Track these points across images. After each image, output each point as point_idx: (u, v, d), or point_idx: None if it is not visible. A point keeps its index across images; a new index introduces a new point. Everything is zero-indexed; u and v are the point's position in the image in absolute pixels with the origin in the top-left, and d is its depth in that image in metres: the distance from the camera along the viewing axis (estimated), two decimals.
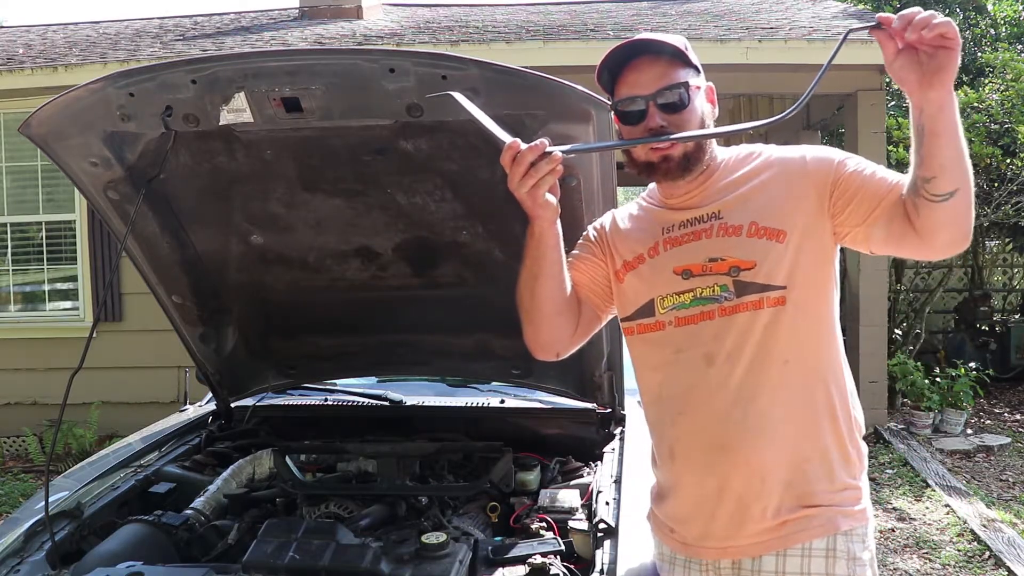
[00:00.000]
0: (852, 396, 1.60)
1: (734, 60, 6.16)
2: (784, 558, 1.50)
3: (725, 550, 1.55)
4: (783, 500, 1.51)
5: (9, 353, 6.55)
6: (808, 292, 1.53)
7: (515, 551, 1.89)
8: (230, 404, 2.81)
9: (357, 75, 1.79)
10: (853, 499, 1.53)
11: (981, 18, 9.70)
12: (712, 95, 1.62)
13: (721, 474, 1.54)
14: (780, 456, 1.51)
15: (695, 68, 1.58)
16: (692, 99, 1.54)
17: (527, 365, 2.58)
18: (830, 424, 1.54)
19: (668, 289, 1.58)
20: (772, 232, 1.52)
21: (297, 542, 1.82)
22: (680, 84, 1.53)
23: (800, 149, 1.60)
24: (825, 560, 1.49)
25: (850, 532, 1.51)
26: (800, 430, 1.51)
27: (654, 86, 1.53)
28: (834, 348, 1.58)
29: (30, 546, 1.97)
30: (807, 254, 1.52)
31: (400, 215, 2.19)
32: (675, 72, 1.55)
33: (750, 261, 1.51)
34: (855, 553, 1.50)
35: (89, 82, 1.89)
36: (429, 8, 8.96)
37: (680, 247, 1.58)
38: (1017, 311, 8.88)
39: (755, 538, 1.52)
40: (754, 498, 1.52)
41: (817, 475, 1.51)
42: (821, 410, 1.53)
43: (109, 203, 2.16)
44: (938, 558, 4.07)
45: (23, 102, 6.20)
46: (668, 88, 1.53)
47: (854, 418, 1.58)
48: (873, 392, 6.37)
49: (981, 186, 7.02)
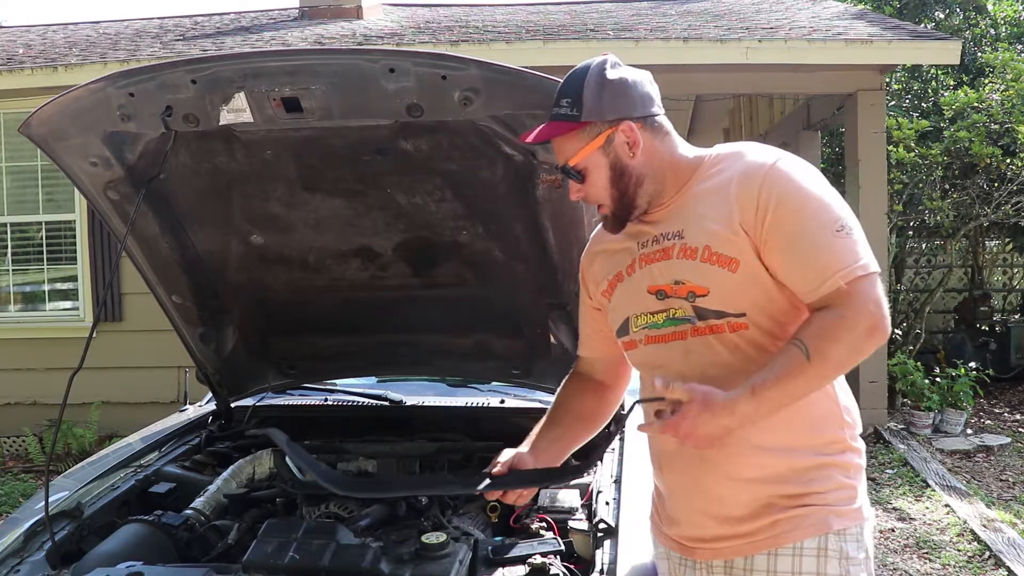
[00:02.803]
0: (844, 396, 1.57)
1: (734, 60, 6.16)
2: (776, 557, 1.50)
3: (718, 551, 1.56)
4: (772, 501, 1.50)
5: (9, 353, 6.54)
6: (773, 315, 1.50)
7: (515, 551, 1.89)
8: (230, 404, 2.81)
9: (357, 75, 1.79)
10: (847, 499, 1.52)
11: (981, 18, 9.69)
12: (630, 134, 1.52)
13: (704, 486, 1.56)
14: (762, 463, 1.50)
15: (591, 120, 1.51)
16: (587, 169, 1.55)
17: (527, 365, 2.59)
18: (816, 429, 1.52)
19: (642, 308, 1.60)
20: (724, 260, 1.48)
21: (297, 542, 1.82)
22: (566, 166, 1.56)
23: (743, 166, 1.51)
24: (816, 559, 1.49)
25: (843, 531, 1.50)
26: (782, 438, 1.50)
27: (560, 159, 1.58)
28: None
29: (30, 546, 1.97)
30: (763, 283, 1.48)
31: (400, 215, 2.19)
32: (564, 145, 1.56)
33: (704, 288, 1.50)
34: (848, 552, 1.50)
35: (89, 82, 1.89)
36: (429, 8, 8.95)
37: (652, 265, 1.58)
38: (1017, 311, 8.88)
39: (747, 538, 1.52)
40: (739, 505, 1.52)
41: (807, 476, 1.50)
42: (805, 417, 1.51)
43: (109, 203, 2.16)
44: (938, 558, 4.07)
45: (23, 102, 6.20)
46: (564, 167, 1.57)
47: (846, 420, 1.56)
48: (873, 392, 6.37)
49: (981, 186, 7.02)
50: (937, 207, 6.89)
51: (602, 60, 1.54)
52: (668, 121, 1.60)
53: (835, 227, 1.43)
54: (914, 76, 8.78)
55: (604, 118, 1.52)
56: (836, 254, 1.43)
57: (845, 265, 1.42)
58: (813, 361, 1.40)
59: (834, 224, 1.44)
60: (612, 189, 1.56)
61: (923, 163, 6.87)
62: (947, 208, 6.93)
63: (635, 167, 1.54)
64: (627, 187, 1.55)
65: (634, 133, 1.53)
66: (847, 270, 1.41)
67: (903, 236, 7.72)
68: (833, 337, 1.41)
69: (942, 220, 7.04)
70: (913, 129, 6.79)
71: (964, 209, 7.13)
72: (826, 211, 1.45)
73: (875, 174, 6.44)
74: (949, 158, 6.90)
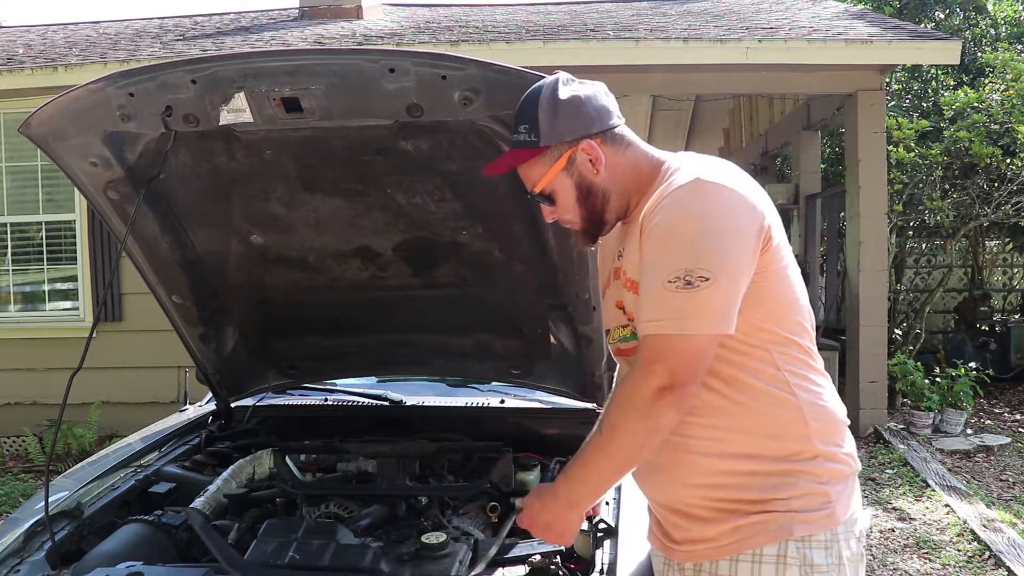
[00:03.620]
0: (823, 402, 1.53)
1: (734, 60, 6.16)
2: (736, 563, 1.49)
3: (689, 554, 1.56)
4: (735, 507, 1.50)
5: (9, 353, 6.54)
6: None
7: (515, 551, 1.89)
8: (230, 404, 2.81)
9: (357, 75, 1.79)
10: (817, 504, 1.48)
11: (981, 18, 9.69)
12: (591, 151, 1.51)
13: (663, 494, 1.60)
14: (720, 469, 1.50)
15: (550, 144, 1.50)
16: (554, 192, 1.55)
17: (527, 365, 2.59)
18: (774, 437, 1.49)
19: (614, 322, 1.63)
20: (635, 285, 1.49)
21: (297, 542, 1.83)
22: (533, 193, 1.57)
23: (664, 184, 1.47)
24: (776, 566, 1.46)
25: (808, 538, 1.47)
26: (736, 445, 1.49)
27: (528, 186, 1.59)
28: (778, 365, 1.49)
29: (30, 546, 1.97)
30: None
31: (400, 215, 2.19)
32: (529, 172, 1.56)
33: (631, 312, 1.54)
34: (812, 559, 1.46)
35: (89, 82, 1.89)
36: (429, 8, 8.96)
37: (616, 281, 1.61)
38: (1017, 311, 8.88)
39: (712, 543, 1.52)
40: (701, 508, 1.53)
41: (770, 482, 1.48)
42: (761, 425, 1.49)
43: (109, 203, 2.16)
44: (938, 558, 4.07)
45: (23, 102, 6.20)
46: (532, 194, 1.58)
47: (812, 426, 1.50)
48: (873, 392, 6.37)
49: (981, 186, 7.02)
50: (937, 207, 6.89)
51: (553, 80, 1.53)
52: (628, 129, 1.59)
53: (670, 276, 1.37)
54: (914, 76, 8.78)
55: (563, 139, 1.51)
56: (653, 303, 1.41)
57: (651, 318, 1.40)
58: (604, 434, 1.45)
59: (672, 273, 1.37)
60: (580, 208, 1.56)
61: (923, 163, 6.87)
62: (947, 208, 6.93)
63: (600, 184, 1.54)
64: (595, 205, 1.56)
65: (595, 150, 1.52)
66: (651, 323, 1.40)
67: (903, 236, 7.73)
68: (618, 406, 1.44)
69: (942, 220, 7.04)
70: (913, 129, 6.79)
71: (964, 209, 7.13)
72: (675, 256, 1.38)
73: (875, 174, 6.44)
74: (949, 158, 6.90)
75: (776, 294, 1.50)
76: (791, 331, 1.52)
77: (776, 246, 1.48)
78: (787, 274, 1.52)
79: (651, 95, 7.93)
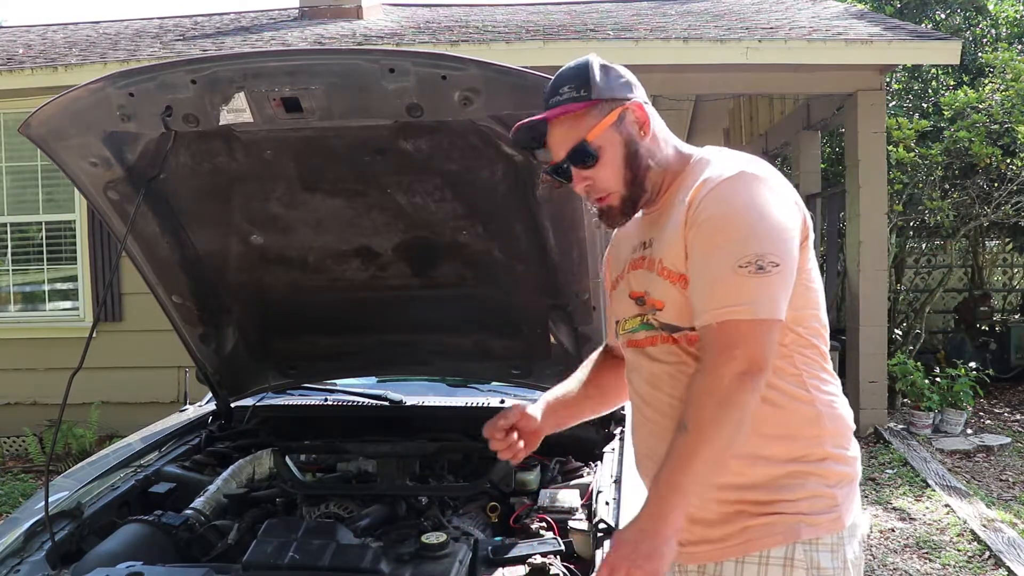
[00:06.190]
0: (829, 405, 1.53)
1: (734, 60, 6.16)
2: (743, 565, 1.48)
3: (692, 555, 1.55)
4: (742, 508, 1.48)
5: (9, 353, 6.54)
6: None
7: (515, 551, 1.89)
8: (230, 404, 2.81)
9: (357, 75, 1.79)
10: (824, 507, 1.48)
11: (981, 18, 9.70)
12: (639, 112, 1.51)
13: None
14: (731, 468, 1.47)
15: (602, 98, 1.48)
16: (602, 148, 1.49)
17: (527, 365, 2.59)
18: (791, 436, 1.48)
19: (626, 313, 1.61)
20: (675, 276, 1.46)
21: (297, 542, 1.83)
22: (580, 142, 1.48)
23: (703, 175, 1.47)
24: (783, 569, 1.45)
25: (815, 541, 1.46)
26: (752, 445, 1.46)
27: (564, 149, 1.50)
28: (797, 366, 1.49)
29: (30, 546, 1.97)
30: None
31: (400, 215, 2.19)
32: (577, 126, 1.49)
33: (660, 302, 1.50)
34: (819, 563, 1.45)
35: (89, 82, 1.89)
36: (429, 8, 8.96)
37: (635, 272, 1.59)
38: (1017, 311, 8.88)
39: (718, 544, 1.50)
40: (708, 509, 1.50)
41: (779, 483, 1.47)
42: (778, 424, 1.48)
43: (109, 203, 2.16)
44: (938, 558, 4.07)
45: (23, 102, 6.20)
46: (574, 150, 1.49)
47: (828, 428, 1.51)
48: (873, 392, 6.37)
49: (981, 186, 7.03)
50: (937, 207, 6.89)
51: (591, 56, 1.54)
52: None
53: (740, 261, 1.35)
54: (914, 76, 8.79)
55: (615, 96, 1.50)
56: (723, 290, 1.37)
57: (724, 304, 1.36)
58: (691, 431, 1.36)
59: (742, 258, 1.35)
60: (626, 170, 1.51)
61: (923, 163, 6.87)
62: (947, 208, 6.93)
63: (644, 149, 1.52)
64: (639, 169, 1.51)
65: (643, 112, 1.51)
66: (723, 310, 1.36)
67: (903, 236, 7.73)
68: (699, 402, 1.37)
69: (942, 220, 7.04)
70: (913, 129, 6.79)
71: (964, 209, 7.14)
72: (742, 243, 1.36)
73: (875, 174, 6.44)
74: (949, 158, 6.90)
75: (806, 293, 1.49)
76: (813, 333, 1.52)
77: (811, 245, 1.50)
78: (816, 275, 1.53)
79: (651, 95, 7.91)
